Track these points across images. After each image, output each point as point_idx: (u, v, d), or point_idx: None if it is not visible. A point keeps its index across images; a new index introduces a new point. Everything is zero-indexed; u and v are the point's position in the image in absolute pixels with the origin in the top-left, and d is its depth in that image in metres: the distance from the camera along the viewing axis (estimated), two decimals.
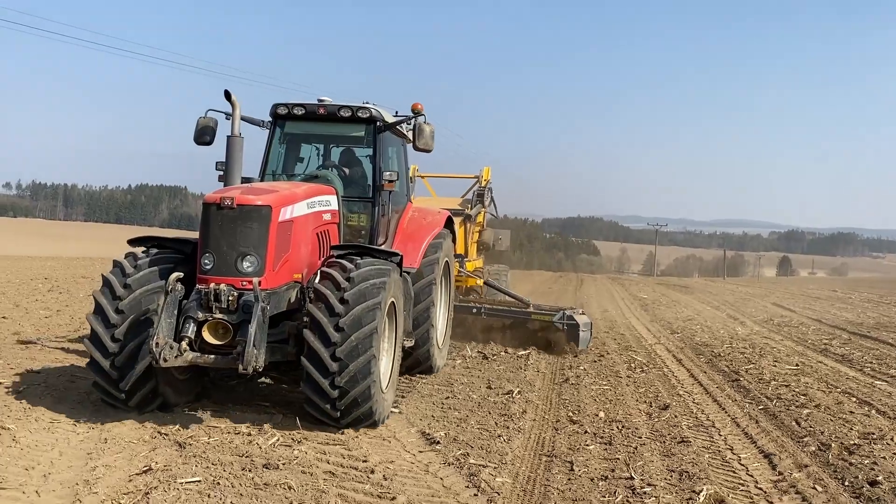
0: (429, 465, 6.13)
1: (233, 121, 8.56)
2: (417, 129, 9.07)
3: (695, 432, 7.75)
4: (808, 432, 7.78)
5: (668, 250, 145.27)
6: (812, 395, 9.75)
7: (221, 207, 6.98)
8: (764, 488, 6.05)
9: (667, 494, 5.72)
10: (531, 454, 6.73)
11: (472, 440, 6.86)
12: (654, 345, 14.71)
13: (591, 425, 7.82)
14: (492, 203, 17.14)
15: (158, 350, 6.40)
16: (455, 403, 8.38)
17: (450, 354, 11.17)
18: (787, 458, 6.88)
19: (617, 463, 6.51)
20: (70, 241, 72.29)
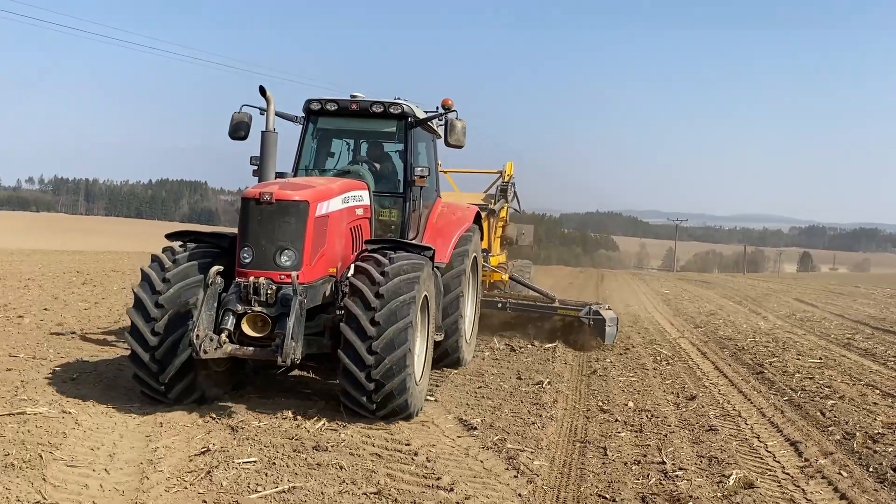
0: (468, 448, 6.43)
1: (267, 116, 8.64)
2: (449, 125, 9.21)
3: (722, 421, 7.99)
4: (833, 422, 8.01)
5: (687, 246, 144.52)
6: (836, 387, 9.94)
7: (260, 202, 7.11)
8: (791, 473, 6.30)
9: (698, 478, 5.99)
10: (565, 440, 7.02)
11: (508, 427, 7.16)
12: (678, 338, 14.91)
13: (620, 414, 8.09)
14: (515, 198, 17.11)
15: (199, 342, 6.56)
16: (488, 393, 8.68)
17: (477, 347, 11.44)
18: (813, 445, 7.12)
19: (648, 449, 6.78)
20: (93, 235, 73.39)
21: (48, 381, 8.09)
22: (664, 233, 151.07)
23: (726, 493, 5.66)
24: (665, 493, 5.57)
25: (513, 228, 17.16)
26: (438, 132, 10.19)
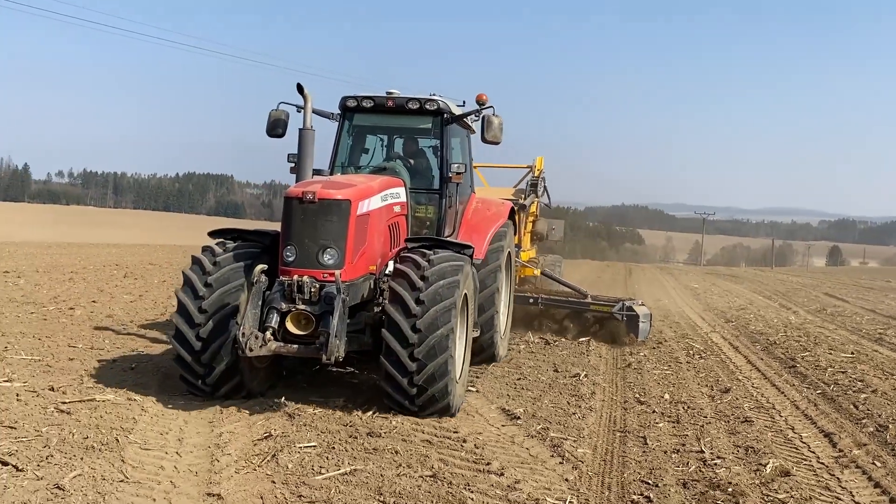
0: (513, 437, 6.74)
1: (304, 113, 8.68)
2: (486, 121, 9.12)
3: (756, 413, 8.22)
4: (866, 415, 8.20)
5: (714, 239, 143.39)
6: (868, 381, 10.10)
7: (303, 201, 7.16)
8: (826, 463, 6.53)
9: (736, 466, 6.25)
10: (605, 430, 7.30)
11: (549, 416, 7.45)
12: (710, 333, 15.08)
13: (657, 406, 8.34)
14: (545, 193, 16.97)
15: (244, 340, 6.62)
16: (527, 384, 8.97)
17: (512, 340, 11.70)
18: (847, 437, 7.34)
19: (686, 438, 7.04)
20: (122, 228, 74.41)
21: (109, 370, 8.52)
22: (690, 226, 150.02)
23: (764, 481, 5.91)
24: (705, 480, 5.84)
25: (543, 223, 17.13)
26: (473, 128, 10.25)
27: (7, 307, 12.90)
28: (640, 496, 5.46)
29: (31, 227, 57.57)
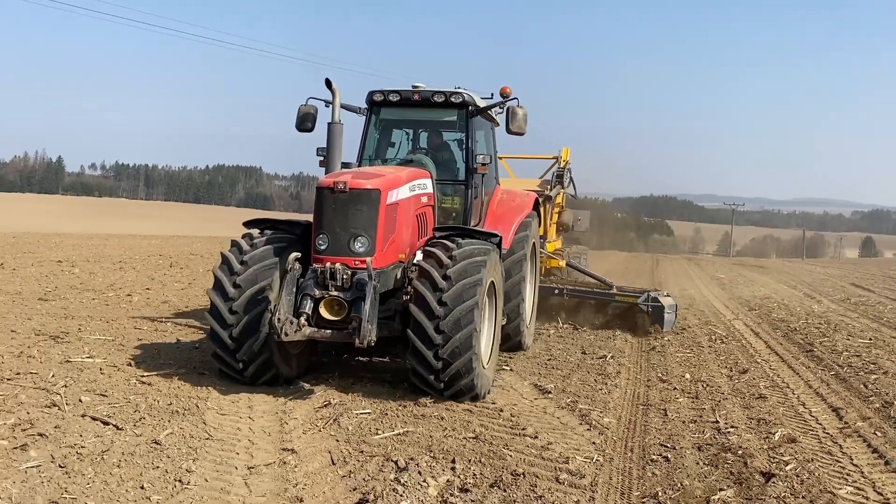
0: (545, 408, 7.47)
1: (333, 108, 8.89)
2: (511, 113, 9.23)
3: (771, 391, 8.85)
4: (874, 393, 8.79)
5: (744, 230, 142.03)
6: (881, 363, 10.65)
7: (335, 191, 7.41)
8: (830, 433, 7.17)
9: (747, 434, 6.92)
10: (629, 403, 8.01)
11: (578, 391, 8.17)
12: (733, 320, 15.64)
13: (678, 384, 9.01)
14: (571, 184, 16.91)
15: (280, 325, 6.85)
16: (556, 364, 9.69)
17: (542, 327, 12.37)
18: (853, 412, 7.96)
19: (703, 411, 7.72)
20: (155, 220, 76.16)
21: (176, 349, 9.39)
22: (720, 217, 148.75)
23: (772, 446, 6.58)
24: (718, 444, 6.52)
25: (569, 214, 17.05)
26: (497, 120, 10.41)
27: (70, 293, 13.89)
28: (659, 456, 6.17)
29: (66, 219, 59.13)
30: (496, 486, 5.13)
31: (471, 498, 4.92)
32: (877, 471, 6.12)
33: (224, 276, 7.58)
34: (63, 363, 8.08)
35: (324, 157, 9.00)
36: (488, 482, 5.22)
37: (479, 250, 7.59)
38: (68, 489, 4.77)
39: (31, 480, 4.84)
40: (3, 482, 4.75)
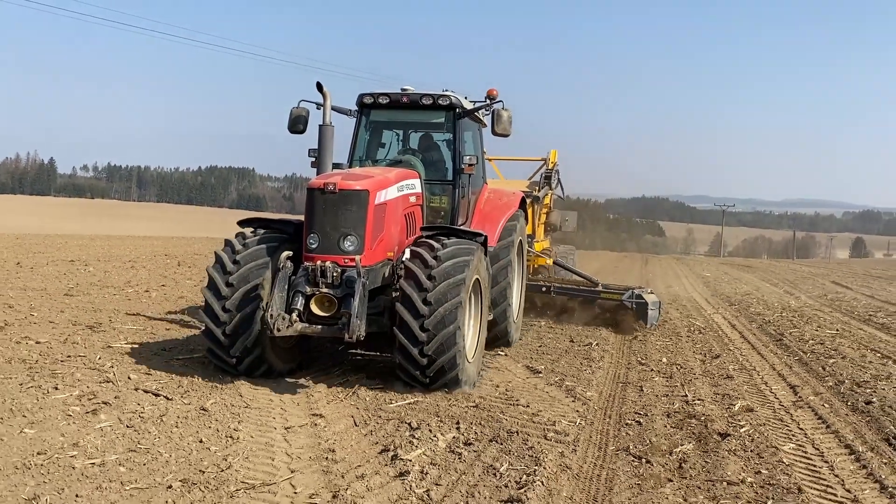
0: (536, 384, 8.49)
1: (324, 110, 9.10)
2: (496, 115, 9.45)
3: (738, 372, 9.89)
4: (830, 374, 9.84)
5: (735, 231, 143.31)
6: (842, 350, 11.72)
7: (325, 192, 7.64)
8: (785, 405, 8.20)
9: (711, 405, 7.96)
10: (611, 381, 9.04)
11: (565, 372, 9.19)
12: (713, 314, 16.71)
13: (655, 366, 10.04)
14: (559, 185, 17.31)
15: (272, 321, 7.10)
16: (546, 350, 10.69)
17: (534, 319, 13.35)
18: (808, 388, 9.01)
19: (675, 388, 8.75)
20: (149, 221, 76.49)
21: (200, 337, 10.26)
22: (712, 218, 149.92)
23: (731, 414, 7.61)
24: (684, 413, 7.55)
25: (556, 215, 17.40)
26: (484, 122, 10.59)
27: (92, 290, 14.83)
28: (633, 421, 7.20)
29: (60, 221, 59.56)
30: (494, 441, 6.14)
31: (473, 449, 5.93)
32: (818, 433, 7.15)
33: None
34: (105, 348, 9.07)
35: (315, 158, 9.23)
36: (488, 438, 6.23)
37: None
38: (140, 442, 5.75)
39: (108, 436, 5.83)
40: (86, 437, 5.73)
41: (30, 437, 5.66)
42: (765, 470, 5.89)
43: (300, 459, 5.62)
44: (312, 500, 4.83)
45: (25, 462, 5.15)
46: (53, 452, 5.37)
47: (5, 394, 6.69)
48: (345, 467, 5.45)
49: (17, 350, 8.63)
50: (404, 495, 4.94)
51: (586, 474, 5.70)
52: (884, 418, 7.59)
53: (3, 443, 5.48)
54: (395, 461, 5.54)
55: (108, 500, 4.65)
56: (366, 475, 5.28)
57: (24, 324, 10.47)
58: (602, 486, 5.45)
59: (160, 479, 5.03)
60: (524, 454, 5.82)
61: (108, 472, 5.09)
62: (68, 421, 6.11)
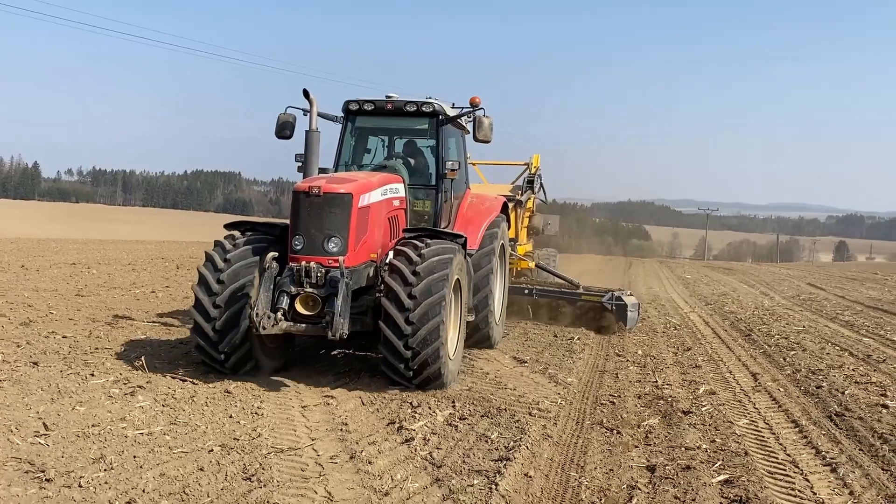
0: (522, 372, 9.41)
1: (310, 116, 9.38)
2: (477, 122, 9.68)
3: (706, 363, 10.85)
4: (789, 364, 10.82)
5: (721, 235, 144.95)
6: (804, 344, 12.71)
7: (309, 195, 7.87)
8: (745, 389, 9.16)
9: (678, 389, 8.91)
10: (589, 370, 9.98)
11: (548, 361, 10.11)
12: (689, 313, 17.69)
13: (631, 357, 10.99)
14: (541, 189, 17.51)
15: (258, 320, 7.34)
16: (532, 343, 11.61)
17: (519, 318, 14.21)
18: (767, 376, 9.98)
19: (647, 376, 9.69)
20: (135, 225, 76.64)
21: None
22: (697, 222, 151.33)
23: (696, 397, 8.56)
24: (653, 395, 8.50)
25: (539, 219, 17.66)
26: (467, 128, 10.79)
27: (101, 290, 15.61)
28: (608, 401, 8.14)
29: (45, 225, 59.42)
30: (485, 416, 7.05)
31: (467, 422, 6.83)
32: (771, 411, 8.11)
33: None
34: (127, 342, 9.91)
35: (302, 162, 9.49)
36: (480, 414, 7.14)
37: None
38: (178, 417, 6.61)
39: (148, 412, 6.68)
40: (130, 413, 6.59)
41: (82, 413, 6.51)
42: (719, 439, 6.83)
43: (318, 430, 6.51)
44: (333, 460, 5.70)
45: (84, 432, 6.01)
46: (106, 425, 6.22)
47: (49, 379, 7.54)
48: (357, 436, 6.34)
49: (48, 343, 9.46)
50: (411, 456, 5.84)
51: (565, 442, 6.63)
52: (830, 399, 8.57)
53: (61, 417, 6.33)
54: (401, 430, 6.45)
55: (160, 460, 5.51)
56: (376, 441, 6.18)
57: (46, 321, 11.27)
58: (578, 451, 6.38)
59: (201, 445, 5.90)
60: (511, 426, 6.73)
61: (156, 440, 5.96)
62: (111, 401, 6.96)
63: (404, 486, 5.21)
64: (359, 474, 5.40)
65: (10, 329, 10.35)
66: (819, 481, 5.86)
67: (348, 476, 5.37)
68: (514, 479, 5.41)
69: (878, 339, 13.80)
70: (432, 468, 5.58)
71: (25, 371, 7.83)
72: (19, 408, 6.50)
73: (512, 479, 5.40)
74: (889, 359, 11.49)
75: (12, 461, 5.28)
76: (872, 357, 11.60)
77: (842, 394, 8.83)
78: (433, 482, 5.30)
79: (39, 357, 8.56)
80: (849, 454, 6.56)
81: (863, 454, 6.59)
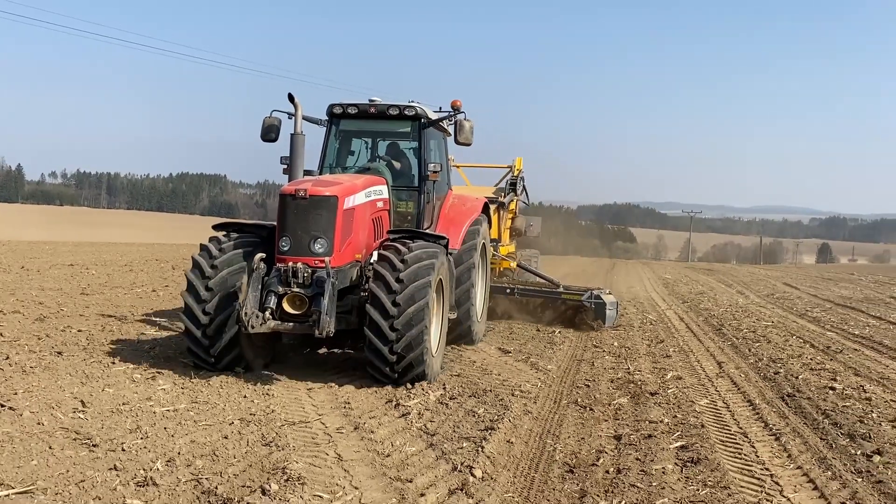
0: (506, 361, 10.25)
1: (295, 120, 9.62)
2: (458, 125, 9.95)
3: (677, 353, 11.72)
4: (753, 354, 11.71)
5: (705, 237, 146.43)
6: (770, 337, 13.62)
7: (296, 198, 8.05)
8: (709, 375, 10.02)
9: (648, 375, 9.76)
10: (568, 359, 10.84)
11: (531, 352, 10.95)
12: (666, 310, 18.60)
13: (607, 348, 11.85)
14: (524, 191, 17.78)
15: (247, 319, 7.55)
16: (516, 336, 12.46)
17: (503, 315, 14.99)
18: (732, 364, 10.86)
19: (621, 364, 10.55)
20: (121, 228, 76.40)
21: None
22: (682, 224, 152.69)
23: (663, 381, 9.42)
24: (625, 380, 9.36)
25: (521, 220, 17.89)
26: (448, 131, 11.01)
27: (104, 290, 16.32)
28: (583, 385, 9.00)
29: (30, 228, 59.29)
30: (473, 396, 7.88)
31: (457, 401, 7.65)
32: (730, 394, 8.97)
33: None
34: (139, 335, 10.68)
35: (287, 165, 9.66)
36: (468, 394, 7.97)
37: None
38: (197, 397, 7.39)
39: (170, 393, 7.46)
40: (154, 394, 7.36)
41: (111, 393, 7.28)
42: (680, 415, 7.68)
43: (324, 407, 7.31)
44: (340, 431, 6.50)
45: (117, 408, 6.78)
46: (135, 403, 6.99)
47: (76, 366, 8.29)
48: (359, 412, 7.14)
49: (66, 336, 10.20)
50: (408, 427, 6.66)
51: (543, 417, 7.47)
52: (784, 383, 9.46)
53: (93, 397, 7.09)
54: (398, 407, 7.27)
55: (188, 430, 6.29)
56: (376, 416, 7.00)
57: (59, 316, 11.99)
58: (554, 424, 7.23)
59: (222, 419, 6.69)
60: (496, 404, 7.56)
61: (181, 415, 6.73)
62: (135, 384, 7.73)
63: (403, 449, 6.04)
64: (363, 441, 6.21)
65: (28, 324, 11.06)
66: (763, 447, 6.71)
67: (354, 442, 6.18)
68: (497, 445, 6.24)
69: (840, 333, 14.73)
70: (427, 436, 6.39)
71: (52, 360, 8.57)
72: (54, 390, 7.25)
73: (496, 444, 6.23)
74: (846, 350, 12.43)
75: (60, 430, 6.04)
76: (831, 348, 12.52)
77: (796, 378, 9.73)
78: (428, 446, 6.12)
79: (62, 348, 9.30)
80: (793, 427, 7.42)
81: (805, 427, 7.45)
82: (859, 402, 8.51)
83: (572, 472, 5.83)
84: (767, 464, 6.24)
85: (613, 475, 5.75)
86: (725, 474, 5.81)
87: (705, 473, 5.83)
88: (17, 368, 8.00)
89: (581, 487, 5.49)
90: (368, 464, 5.67)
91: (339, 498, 4.97)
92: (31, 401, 6.76)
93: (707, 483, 5.62)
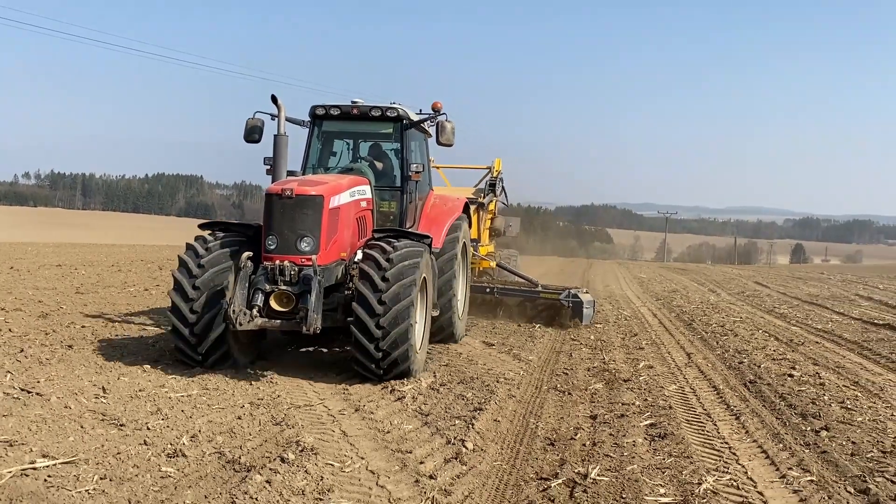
0: (490, 352, 10.94)
1: (278, 121, 9.75)
2: (440, 127, 10.10)
3: (649, 346, 12.48)
4: (720, 346, 12.50)
5: (681, 238, 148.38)
6: (737, 331, 14.43)
7: (282, 197, 8.21)
8: (679, 365, 10.78)
9: (622, 364, 10.51)
10: (548, 351, 11.56)
11: (513, 345, 11.66)
12: (640, 307, 19.40)
13: (584, 342, 12.59)
14: (503, 192, 18.12)
15: (234, 316, 7.69)
16: (498, 331, 13.15)
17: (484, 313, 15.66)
18: (700, 355, 11.64)
19: (597, 355, 11.29)
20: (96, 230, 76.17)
21: None
22: (658, 225, 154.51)
23: (636, 370, 10.16)
24: (600, 369, 10.10)
25: (501, 221, 18.30)
26: (430, 132, 11.25)
27: (97, 289, 16.76)
28: (562, 373, 9.73)
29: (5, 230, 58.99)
30: (461, 383, 8.57)
31: (447, 387, 8.33)
32: (697, 381, 9.73)
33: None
34: (141, 330, 11.23)
35: (270, 166, 9.79)
36: (456, 381, 8.66)
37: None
38: (207, 384, 7.99)
39: (182, 381, 8.05)
40: (167, 382, 7.96)
41: (127, 381, 7.86)
42: (650, 398, 8.42)
43: (325, 393, 7.96)
44: (342, 412, 7.16)
45: (136, 394, 7.37)
46: (151, 389, 7.59)
47: (88, 358, 8.86)
48: (358, 397, 7.80)
49: (72, 331, 10.73)
50: (404, 409, 7.33)
51: (526, 400, 8.18)
52: (747, 371, 10.24)
53: (111, 384, 7.67)
54: (393, 392, 7.95)
55: (205, 412, 6.90)
56: (374, 399, 7.66)
57: (60, 314, 12.48)
58: (536, 406, 7.94)
59: (234, 403, 7.31)
60: (483, 389, 8.26)
61: (195, 399, 7.34)
62: (147, 373, 8.31)
63: (401, 427, 6.71)
64: (364, 420, 6.87)
65: (32, 321, 11.56)
66: (724, 425, 7.46)
67: (356, 422, 6.84)
68: (485, 423, 6.94)
69: (803, 328, 15.57)
70: (421, 416, 7.07)
71: (64, 353, 9.12)
72: (73, 378, 7.82)
73: (484, 422, 6.93)
74: (807, 342, 13.26)
75: (88, 413, 6.64)
76: (794, 341, 13.34)
77: (758, 367, 10.51)
78: (423, 424, 6.80)
79: (71, 342, 9.84)
80: (752, 408, 8.19)
81: (763, 408, 8.22)
82: (814, 387, 9.29)
83: (553, 444, 6.54)
84: (727, 438, 6.98)
85: (589, 447, 6.46)
86: (689, 446, 6.55)
87: (671, 446, 6.55)
88: (33, 360, 8.54)
89: (561, 457, 6.20)
90: (371, 439, 6.34)
91: (349, 466, 5.63)
92: (53, 388, 7.33)
93: (672, 454, 6.34)
